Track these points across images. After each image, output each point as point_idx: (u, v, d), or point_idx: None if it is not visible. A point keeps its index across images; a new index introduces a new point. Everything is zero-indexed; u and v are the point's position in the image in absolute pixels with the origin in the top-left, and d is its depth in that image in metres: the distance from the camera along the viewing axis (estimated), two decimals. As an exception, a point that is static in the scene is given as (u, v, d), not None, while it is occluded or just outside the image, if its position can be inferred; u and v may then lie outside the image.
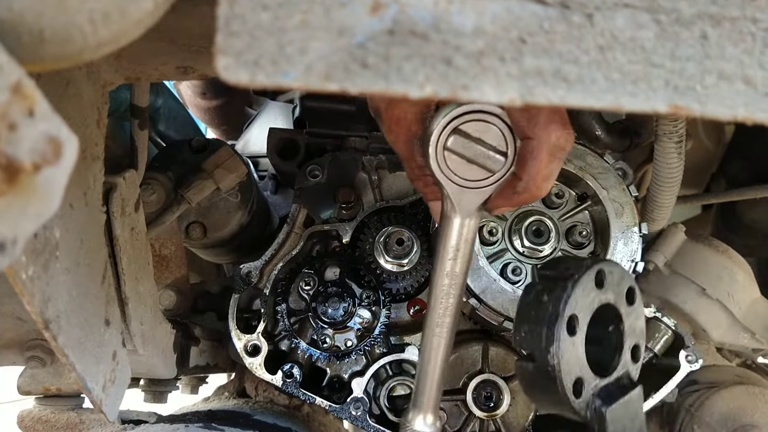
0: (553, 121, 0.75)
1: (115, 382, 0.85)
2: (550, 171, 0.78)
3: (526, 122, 0.75)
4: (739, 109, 0.47)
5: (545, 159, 0.76)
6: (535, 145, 0.76)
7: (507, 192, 0.82)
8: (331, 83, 0.44)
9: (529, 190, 0.80)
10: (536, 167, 0.77)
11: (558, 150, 0.76)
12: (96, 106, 0.78)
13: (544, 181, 0.79)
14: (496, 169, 0.80)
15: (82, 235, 0.74)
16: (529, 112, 0.75)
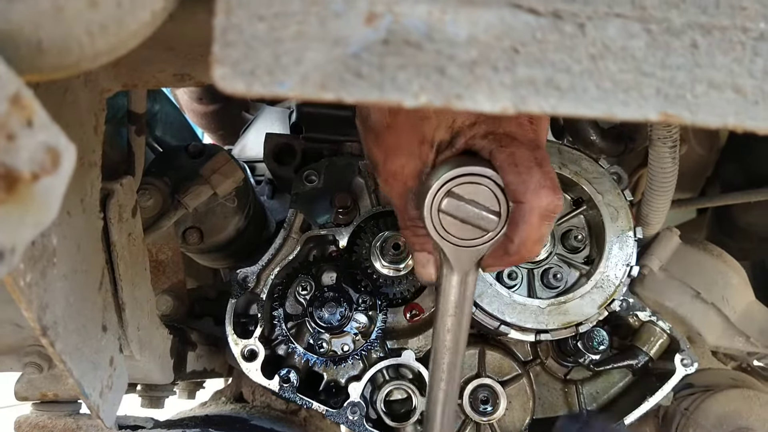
0: (544, 187, 0.77)
1: (112, 387, 0.86)
2: (540, 234, 0.81)
3: (518, 186, 0.78)
4: (729, 118, 0.48)
5: (536, 223, 0.79)
6: (526, 209, 0.78)
7: (499, 253, 0.85)
8: (327, 93, 0.45)
9: (520, 252, 0.83)
10: (527, 231, 0.80)
11: (548, 214, 0.79)
12: (93, 112, 0.78)
13: (534, 244, 0.82)
14: (490, 229, 0.83)
15: (79, 242, 0.74)
16: (521, 176, 0.77)
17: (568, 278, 1.35)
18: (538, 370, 1.49)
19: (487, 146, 0.80)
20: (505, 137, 0.79)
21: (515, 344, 1.50)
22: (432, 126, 0.81)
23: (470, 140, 0.81)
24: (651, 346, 1.37)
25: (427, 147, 0.83)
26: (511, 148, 0.79)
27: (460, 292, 0.90)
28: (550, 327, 1.25)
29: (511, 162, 0.78)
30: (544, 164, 0.79)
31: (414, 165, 0.84)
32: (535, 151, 0.79)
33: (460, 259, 0.87)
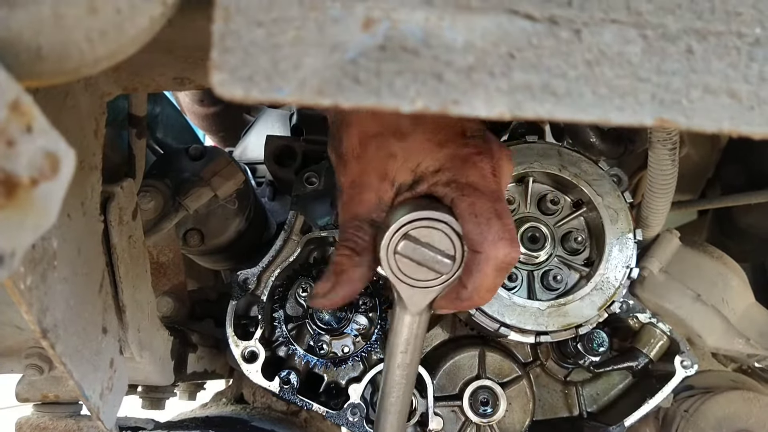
0: (502, 239, 0.79)
1: (112, 389, 0.86)
2: (494, 284, 0.83)
3: (477, 236, 0.80)
4: (724, 122, 0.48)
5: (491, 273, 0.81)
6: (482, 258, 0.80)
7: (452, 296, 0.86)
8: (324, 98, 0.45)
9: (473, 298, 0.85)
10: (481, 280, 0.82)
11: (504, 266, 0.81)
12: (94, 116, 0.78)
13: (487, 292, 0.84)
14: (444, 272, 0.84)
15: (79, 245, 0.74)
16: (480, 226, 0.79)
17: (568, 280, 1.35)
18: (538, 372, 1.49)
19: (449, 194, 0.82)
20: (467, 187, 0.81)
21: (515, 346, 1.50)
22: (396, 165, 0.83)
23: (432, 186, 0.83)
24: (651, 348, 1.37)
25: (387, 184, 0.84)
26: (472, 197, 0.80)
27: (410, 331, 0.92)
28: (549, 329, 1.25)
29: (471, 212, 0.80)
30: (504, 216, 0.80)
31: (370, 198, 0.86)
32: (496, 202, 0.81)
33: (413, 300, 0.88)
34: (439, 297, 0.87)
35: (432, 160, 0.82)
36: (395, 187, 0.85)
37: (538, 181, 1.37)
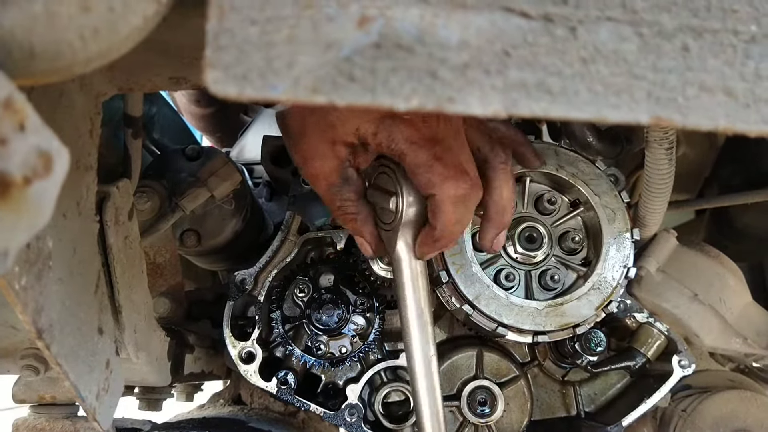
0: (447, 178, 0.86)
1: (108, 390, 0.86)
2: (457, 217, 0.91)
3: (425, 183, 0.88)
4: (720, 120, 0.48)
5: (450, 210, 0.89)
6: (437, 200, 0.88)
7: (427, 240, 0.96)
8: (319, 96, 0.45)
9: (445, 236, 0.93)
10: (444, 218, 0.90)
11: (459, 199, 0.89)
12: (89, 116, 0.78)
13: (455, 226, 0.92)
14: (390, 208, 0.95)
15: (75, 245, 0.74)
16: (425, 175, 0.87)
17: (566, 280, 1.34)
18: (535, 372, 1.49)
19: (393, 153, 0.89)
20: (403, 142, 0.87)
21: (513, 346, 1.50)
22: (338, 132, 0.89)
23: (378, 148, 0.90)
24: (648, 348, 1.37)
25: (339, 146, 0.91)
26: (410, 152, 0.86)
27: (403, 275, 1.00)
28: (547, 328, 1.25)
29: (414, 164, 0.87)
30: (445, 156, 0.86)
31: (330, 164, 0.93)
32: (433, 148, 0.86)
33: (390, 242, 0.99)
34: (419, 244, 0.97)
35: (367, 123, 0.87)
36: (347, 148, 0.91)
37: (535, 180, 1.37)
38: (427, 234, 0.95)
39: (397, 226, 0.96)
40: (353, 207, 0.98)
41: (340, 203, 0.98)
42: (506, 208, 1.04)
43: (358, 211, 0.99)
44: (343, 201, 0.98)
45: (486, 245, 1.09)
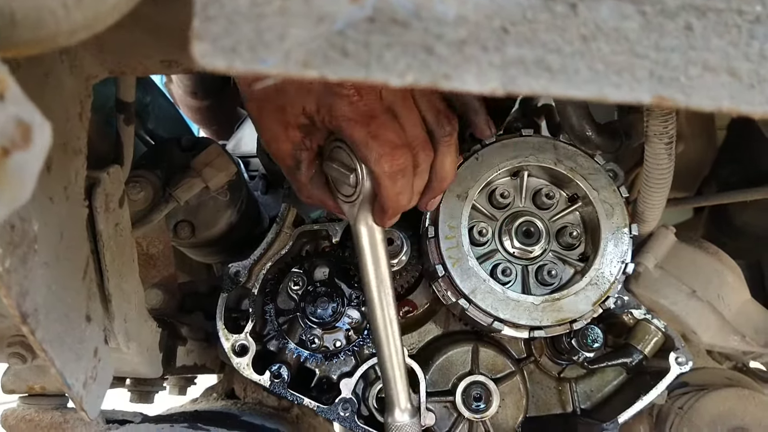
0: (382, 155, 0.90)
1: (96, 379, 0.84)
2: (399, 188, 0.95)
3: (364, 159, 0.92)
4: (723, 101, 0.46)
5: (388, 184, 0.93)
6: (376, 175, 0.93)
7: (378, 210, 1.01)
8: (310, 70, 0.43)
9: (390, 206, 0.97)
10: (384, 192, 0.95)
11: (395, 173, 0.92)
12: (79, 99, 0.77)
13: (398, 196, 0.96)
14: (350, 183, 0.97)
15: (62, 229, 0.73)
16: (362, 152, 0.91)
17: (563, 275, 1.33)
18: (531, 368, 1.48)
19: (335, 128, 0.92)
20: (342, 119, 0.90)
21: (509, 341, 1.49)
22: (288, 114, 0.94)
23: (323, 124, 0.93)
24: (645, 345, 1.36)
25: (292, 130, 0.96)
26: (348, 129, 0.90)
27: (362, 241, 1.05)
28: (544, 324, 1.24)
29: (352, 141, 0.91)
30: (380, 133, 0.90)
31: (285, 147, 0.99)
32: (369, 125, 0.89)
33: (350, 213, 1.04)
34: (375, 213, 1.02)
35: (309, 102, 0.91)
36: (301, 129, 0.96)
37: (534, 175, 1.36)
38: (377, 204, 1.00)
39: (357, 201, 1.01)
40: (306, 190, 1.06)
41: (297, 185, 1.06)
42: (445, 178, 1.07)
43: (311, 194, 1.07)
44: (298, 183, 1.05)
45: (421, 206, 1.12)
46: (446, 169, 1.06)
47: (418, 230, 1.38)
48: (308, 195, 1.08)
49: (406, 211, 1.06)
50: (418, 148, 0.97)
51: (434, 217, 1.29)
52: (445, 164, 1.05)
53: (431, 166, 1.05)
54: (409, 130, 0.96)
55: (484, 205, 1.35)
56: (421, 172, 1.01)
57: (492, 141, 1.32)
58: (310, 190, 1.06)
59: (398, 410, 1.15)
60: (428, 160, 1.01)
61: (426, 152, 0.99)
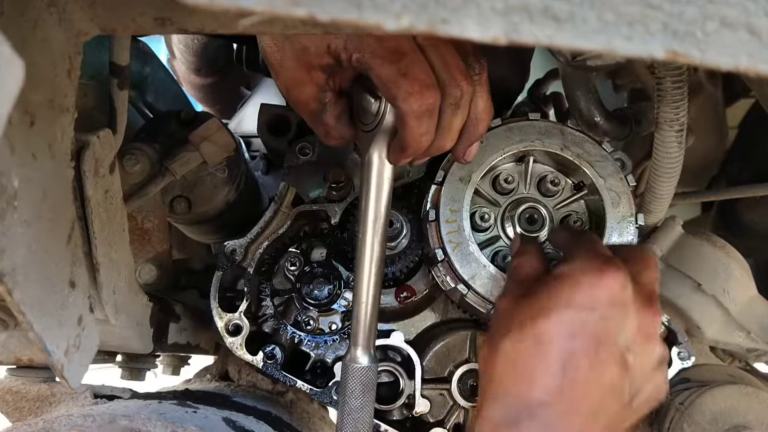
0: (411, 93, 0.86)
1: (80, 347, 0.82)
2: (422, 130, 0.91)
3: (391, 97, 0.88)
4: (741, 59, 0.43)
5: (414, 124, 0.90)
6: (403, 113, 0.89)
7: (396, 147, 0.97)
8: (299, 8, 0.40)
9: (411, 145, 0.93)
10: (409, 130, 0.91)
11: (423, 113, 0.89)
12: (67, 55, 0.74)
13: (421, 137, 0.92)
14: (370, 110, 0.96)
15: (45, 189, 0.70)
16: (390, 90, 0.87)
17: (566, 264, 1.30)
18: (530, 358, 1.45)
19: (363, 67, 0.89)
20: (371, 56, 0.87)
21: (508, 331, 1.45)
22: (312, 54, 0.91)
23: (351, 63, 0.89)
24: (648, 339, 1.33)
25: (316, 72, 0.93)
26: (376, 67, 0.87)
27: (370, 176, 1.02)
28: (544, 312, 1.21)
29: (379, 80, 0.87)
30: (409, 72, 0.86)
31: (309, 90, 0.95)
32: (398, 62, 0.86)
33: (363, 144, 1.01)
34: (391, 150, 0.99)
35: (336, 38, 0.88)
36: (326, 71, 0.93)
37: (539, 161, 1.32)
38: (396, 142, 0.96)
39: (376, 131, 0.98)
40: (335, 131, 1.02)
41: (324, 129, 1.02)
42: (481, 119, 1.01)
43: (341, 134, 1.02)
44: (326, 126, 1.01)
45: (457, 156, 1.08)
46: (480, 110, 1.00)
47: (418, 214, 1.35)
48: (339, 135, 1.03)
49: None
50: (459, 78, 0.92)
51: (435, 201, 1.26)
52: (479, 104, 0.99)
53: None
54: (448, 60, 0.91)
55: (488, 190, 1.32)
56: (463, 106, 0.95)
57: (498, 124, 1.28)
58: (340, 130, 1.02)
59: (360, 350, 1.11)
60: (469, 93, 0.95)
61: (467, 82, 0.93)
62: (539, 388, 0.86)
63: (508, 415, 0.87)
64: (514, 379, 0.89)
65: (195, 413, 1.10)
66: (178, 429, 0.96)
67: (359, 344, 1.10)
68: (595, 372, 0.87)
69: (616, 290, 0.89)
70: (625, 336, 0.89)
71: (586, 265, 0.92)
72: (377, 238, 1.06)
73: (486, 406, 0.91)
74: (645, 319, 0.92)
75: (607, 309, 0.87)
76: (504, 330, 0.93)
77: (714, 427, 1.27)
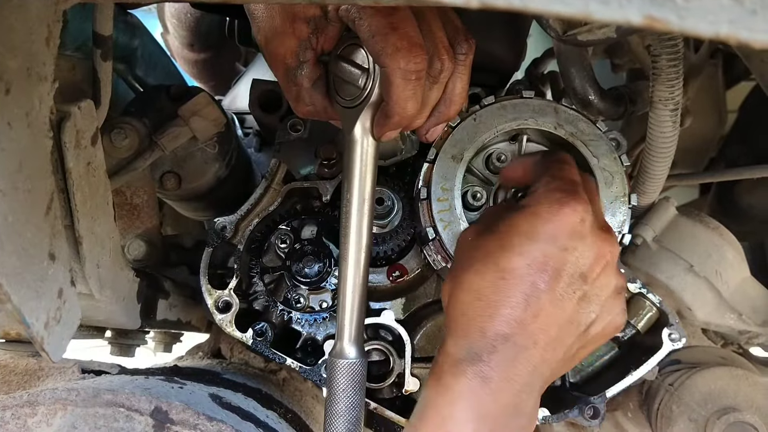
0: (399, 49, 0.83)
1: (60, 321, 0.81)
2: (408, 93, 0.87)
3: (377, 53, 0.84)
4: (722, 26, 0.42)
5: (400, 83, 0.86)
6: (389, 72, 0.85)
7: (381, 117, 0.93)
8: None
9: (396, 111, 0.89)
10: (394, 92, 0.87)
11: (409, 74, 0.85)
12: (46, 23, 0.72)
13: (407, 101, 0.88)
14: (359, 85, 0.92)
15: (21, 159, 0.69)
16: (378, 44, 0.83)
17: (557, 244, 1.29)
18: (521, 339, 1.44)
19: (351, 17, 0.85)
20: (362, 7, 0.84)
21: (499, 312, 1.45)
22: (299, 5, 0.88)
23: (339, 12, 0.87)
24: (639, 320, 1.32)
25: (300, 24, 0.89)
26: (366, 18, 0.83)
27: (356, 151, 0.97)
28: (534, 292, 1.20)
29: (368, 32, 0.84)
30: (400, 27, 0.83)
31: (289, 43, 0.90)
32: (390, 15, 0.83)
33: (347, 121, 0.96)
34: (375, 122, 0.94)
35: None
36: (310, 24, 0.90)
37: (533, 140, 1.31)
38: (381, 111, 0.93)
39: (361, 106, 0.93)
40: (307, 95, 0.97)
41: (296, 91, 0.96)
42: (454, 102, 1.00)
43: (313, 101, 0.98)
44: (298, 88, 0.96)
45: (421, 132, 1.06)
46: (456, 92, 0.98)
47: (411, 192, 1.34)
48: (310, 102, 0.98)
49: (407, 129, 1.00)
50: (442, 52, 0.91)
51: (427, 178, 1.25)
52: (456, 86, 0.98)
53: None
54: (434, 32, 0.90)
55: (481, 168, 1.31)
56: (440, 81, 0.94)
57: (491, 102, 1.27)
58: (313, 96, 0.97)
59: (346, 343, 1.04)
60: (449, 69, 0.93)
61: (448, 57, 0.92)
62: (501, 322, 0.87)
63: (469, 349, 0.88)
64: (476, 313, 0.90)
65: (181, 389, 1.10)
66: (162, 404, 0.95)
67: (345, 337, 1.04)
68: (555, 305, 0.88)
69: (576, 222, 0.89)
70: (583, 267, 0.89)
71: (546, 197, 0.92)
72: (364, 223, 1.02)
73: (448, 342, 0.92)
74: (602, 249, 0.91)
75: (567, 241, 0.88)
76: (467, 264, 0.94)
77: (703, 409, 1.26)
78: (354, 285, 1.04)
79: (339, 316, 1.06)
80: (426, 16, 0.89)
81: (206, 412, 0.99)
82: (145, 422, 0.94)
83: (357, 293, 1.04)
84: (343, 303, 1.05)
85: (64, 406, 0.94)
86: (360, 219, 1.01)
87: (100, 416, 0.93)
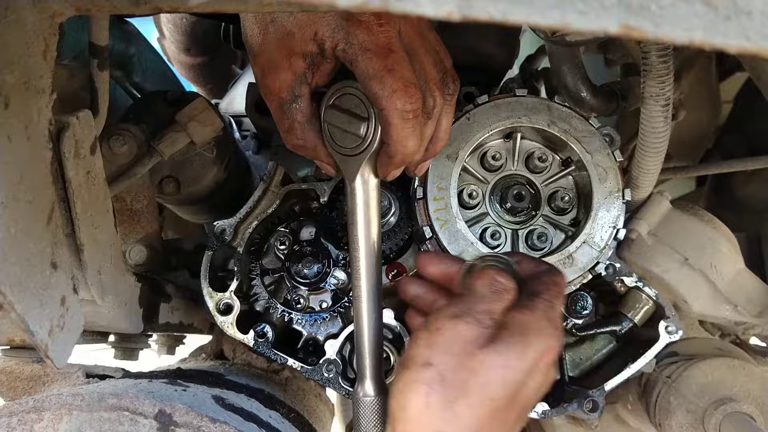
0: (396, 91, 0.85)
1: (64, 328, 0.83)
2: (408, 131, 0.90)
3: (375, 95, 0.86)
4: (696, 33, 0.43)
5: (398, 124, 0.88)
6: (387, 114, 0.87)
7: (383, 159, 0.96)
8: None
9: (398, 150, 0.92)
10: (394, 132, 0.89)
11: (407, 113, 0.87)
12: (42, 36, 0.74)
13: (407, 139, 0.91)
14: (359, 133, 0.93)
15: (22, 170, 0.70)
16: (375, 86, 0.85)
17: (553, 240, 1.31)
18: (520, 335, 1.46)
19: (348, 59, 0.87)
20: (358, 48, 0.85)
21: (497, 307, 1.46)
22: (296, 40, 0.88)
23: (335, 52, 0.88)
24: (636, 313, 1.33)
25: (297, 59, 0.90)
26: (364, 60, 0.85)
27: (357, 199, 0.99)
28: (531, 288, 1.21)
29: (365, 74, 0.86)
30: (396, 68, 0.85)
31: (285, 77, 0.91)
32: (386, 58, 0.85)
33: (348, 168, 0.98)
34: (379, 163, 0.97)
35: (324, 25, 0.86)
36: (306, 60, 0.90)
37: (527, 137, 1.32)
38: (384, 152, 0.94)
39: (365, 154, 0.95)
40: (300, 130, 0.97)
41: (289, 124, 0.96)
42: (441, 139, 1.03)
43: (304, 137, 0.98)
44: (291, 122, 0.96)
45: (410, 169, 1.09)
46: (442, 128, 1.01)
47: (407, 191, 1.35)
48: (302, 137, 0.97)
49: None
50: (434, 89, 0.93)
51: (424, 178, 1.26)
52: (443, 123, 1.01)
53: None
54: (427, 71, 0.92)
55: (476, 167, 1.33)
56: (434, 116, 0.96)
57: (485, 101, 1.28)
58: (305, 132, 0.97)
59: (368, 383, 1.07)
60: (440, 106, 0.96)
61: (441, 95, 0.94)
62: None
63: None
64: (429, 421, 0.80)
65: (185, 391, 1.12)
66: (165, 407, 0.97)
67: (366, 376, 1.07)
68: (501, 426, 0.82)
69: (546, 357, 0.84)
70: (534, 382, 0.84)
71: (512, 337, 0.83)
72: (374, 267, 1.03)
73: None
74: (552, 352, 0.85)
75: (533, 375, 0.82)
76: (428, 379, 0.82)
77: (700, 400, 1.28)
78: (370, 326, 1.06)
79: (357, 359, 1.09)
80: (419, 55, 0.91)
81: (209, 414, 1.00)
82: (149, 425, 0.96)
83: (373, 333, 1.06)
84: (361, 344, 1.07)
85: (69, 411, 0.95)
86: (369, 261, 1.03)
87: (105, 420, 0.95)
